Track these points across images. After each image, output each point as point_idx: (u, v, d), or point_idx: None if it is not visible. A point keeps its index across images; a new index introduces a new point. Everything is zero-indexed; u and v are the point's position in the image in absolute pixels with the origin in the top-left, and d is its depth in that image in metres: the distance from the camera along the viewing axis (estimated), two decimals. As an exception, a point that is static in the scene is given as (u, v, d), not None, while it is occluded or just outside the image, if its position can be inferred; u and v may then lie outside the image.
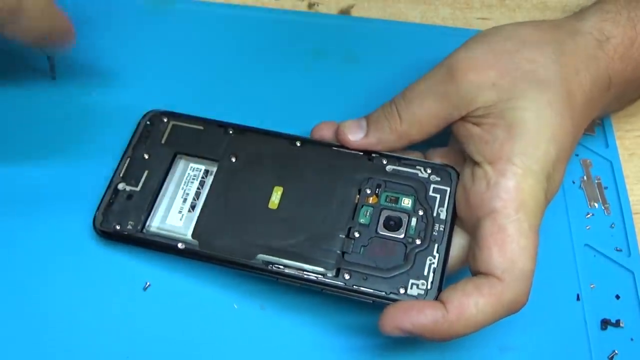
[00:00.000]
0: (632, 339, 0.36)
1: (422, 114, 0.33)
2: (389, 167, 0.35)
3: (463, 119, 0.33)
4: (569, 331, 0.35)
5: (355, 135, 0.35)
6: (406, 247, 0.32)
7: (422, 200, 0.34)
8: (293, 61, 0.43)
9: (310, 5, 0.46)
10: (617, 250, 0.38)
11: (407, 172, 0.34)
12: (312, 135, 0.37)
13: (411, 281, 0.32)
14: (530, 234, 0.30)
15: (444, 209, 0.33)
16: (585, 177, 0.40)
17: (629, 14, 0.35)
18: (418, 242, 0.33)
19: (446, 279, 0.32)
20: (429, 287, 0.31)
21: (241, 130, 0.37)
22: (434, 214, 0.33)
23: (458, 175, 0.34)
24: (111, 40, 0.43)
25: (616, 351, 0.35)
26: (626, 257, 0.38)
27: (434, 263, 0.32)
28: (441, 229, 0.33)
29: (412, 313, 0.29)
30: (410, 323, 0.29)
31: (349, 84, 0.42)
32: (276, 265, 0.32)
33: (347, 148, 0.35)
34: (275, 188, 0.34)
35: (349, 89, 0.42)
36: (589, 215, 0.39)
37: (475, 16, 0.47)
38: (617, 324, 0.36)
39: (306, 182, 0.35)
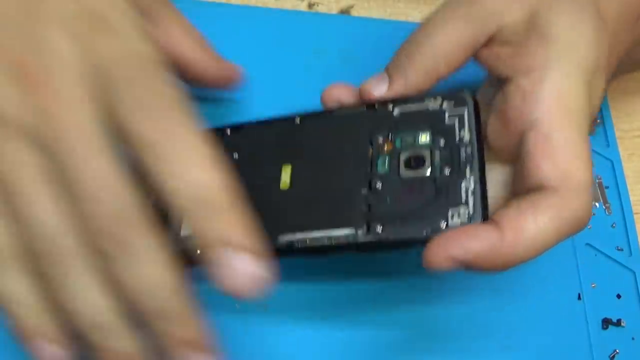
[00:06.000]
0: (633, 338, 0.36)
1: (446, 44, 0.30)
2: (396, 111, 0.31)
3: (488, 45, 0.30)
4: (570, 331, 0.35)
5: (379, 89, 0.31)
6: (435, 180, 0.28)
7: (440, 131, 0.30)
8: (293, 61, 0.43)
9: (310, 5, 0.46)
10: (618, 249, 0.38)
11: (416, 108, 0.31)
12: (324, 101, 0.33)
13: (450, 211, 0.27)
14: (580, 141, 0.27)
15: (465, 129, 0.29)
16: (585, 177, 0.40)
17: None
18: (447, 171, 0.29)
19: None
20: (471, 211, 0.27)
21: (237, 128, 0.35)
22: (457, 139, 0.29)
23: (473, 96, 0.30)
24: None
25: (617, 350, 0.35)
26: (627, 257, 0.38)
27: (470, 185, 0.28)
28: (469, 150, 0.28)
29: (464, 238, 0.25)
30: (464, 250, 0.25)
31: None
32: (301, 242, 0.29)
33: (347, 108, 0.32)
34: (284, 167, 0.32)
35: (349, 88, 0.42)
36: (589, 215, 0.39)
37: (475, 16, 0.47)
38: (618, 323, 0.36)
39: (314, 153, 0.32)
